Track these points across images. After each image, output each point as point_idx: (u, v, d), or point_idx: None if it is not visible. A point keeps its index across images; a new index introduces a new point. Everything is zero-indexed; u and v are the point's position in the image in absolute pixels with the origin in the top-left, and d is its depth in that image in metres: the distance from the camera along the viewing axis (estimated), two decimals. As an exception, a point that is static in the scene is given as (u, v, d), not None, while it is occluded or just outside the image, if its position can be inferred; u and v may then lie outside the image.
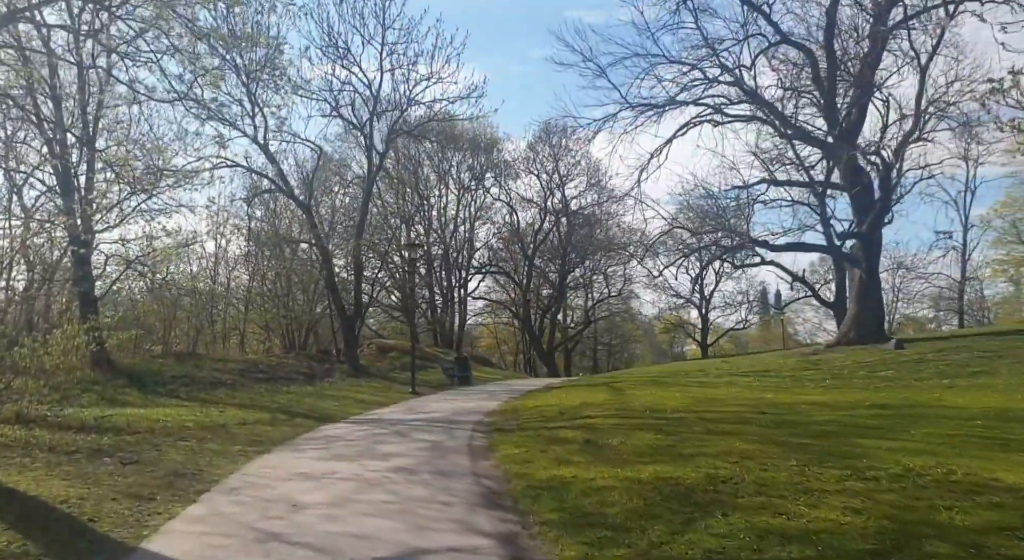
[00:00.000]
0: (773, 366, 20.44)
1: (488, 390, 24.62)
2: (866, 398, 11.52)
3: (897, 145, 22.66)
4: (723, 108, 28.90)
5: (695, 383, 17.02)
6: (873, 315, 26.21)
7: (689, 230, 30.26)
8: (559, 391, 19.15)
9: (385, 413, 16.77)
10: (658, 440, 9.14)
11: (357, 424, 14.44)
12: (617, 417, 11.57)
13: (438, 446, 10.98)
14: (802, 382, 15.61)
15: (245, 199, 31.00)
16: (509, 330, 59.86)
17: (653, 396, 14.15)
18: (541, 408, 14.74)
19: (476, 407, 17.30)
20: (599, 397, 15.14)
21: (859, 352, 20.76)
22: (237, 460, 10.26)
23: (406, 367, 31.41)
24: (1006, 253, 38.56)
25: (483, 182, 48.93)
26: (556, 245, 51.37)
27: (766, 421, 9.91)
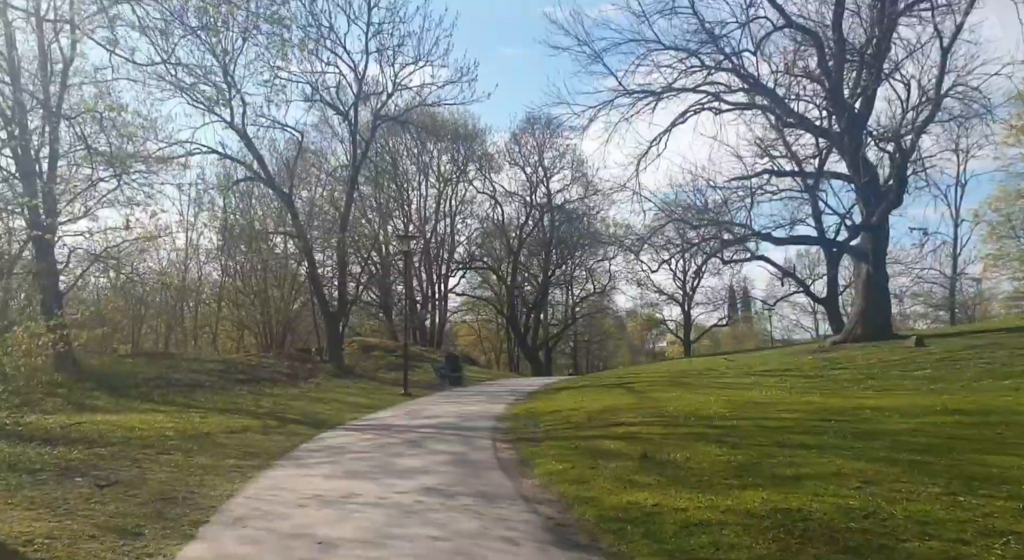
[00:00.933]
0: (790, 365, 19.41)
1: (485, 391, 23.27)
2: (932, 403, 10.43)
3: (915, 131, 21.69)
4: (722, 95, 27.83)
5: (717, 384, 15.89)
6: (880, 311, 25.37)
7: (689, 223, 29.16)
8: (570, 393, 17.89)
9: (384, 418, 15.35)
10: (730, 455, 7.89)
11: (358, 431, 13.02)
12: (660, 425, 10.32)
13: (463, 459, 9.62)
14: (838, 383, 14.54)
15: (219, 189, 29.24)
16: (492, 327, 58.52)
17: (683, 399, 12.96)
18: (561, 413, 13.45)
19: (482, 411, 15.97)
20: (623, 400, 13.91)
21: (878, 350, 19.80)
22: (234, 478, 8.81)
23: (392, 366, 29.98)
24: (998, 248, 38.17)
25: (466, 174, 47.49)
26: (541, 240, 50.14)
27: (840, 430, 8.73)
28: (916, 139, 22.14)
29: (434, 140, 47.15)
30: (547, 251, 49.87)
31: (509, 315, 48.84)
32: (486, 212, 50.64)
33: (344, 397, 20.16)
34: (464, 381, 27.11)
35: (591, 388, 18.39)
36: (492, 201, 49.45)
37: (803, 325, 71.13)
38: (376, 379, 26.34)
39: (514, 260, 48.50)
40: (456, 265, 49.25)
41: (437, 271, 48.59)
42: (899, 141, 22.04)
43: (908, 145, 22.32)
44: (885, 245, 25.07)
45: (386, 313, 45.36)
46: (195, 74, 20.50)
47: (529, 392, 21.02)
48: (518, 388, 23.34)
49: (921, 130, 21.71)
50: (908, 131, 21.79)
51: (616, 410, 12.63)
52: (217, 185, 28.72)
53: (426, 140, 46.97)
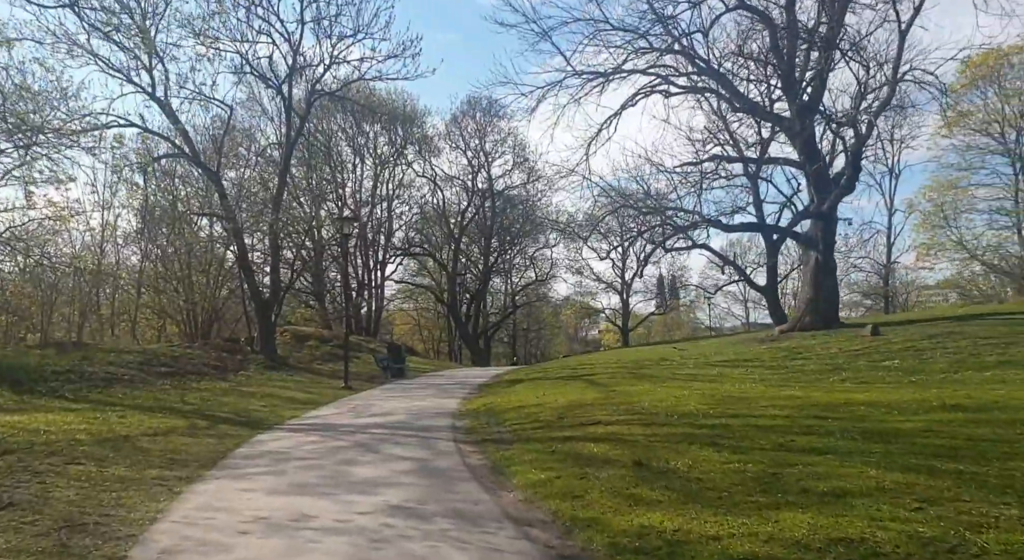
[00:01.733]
0: (747, 354, 18.90)
1: (431, 383, 22.06)
2: (923, 397, 9.84)
3: (874, 115, 21.40)
4: (672, 79, 27.22)
5: (681, 376, 15.16)
6: (828, 299, 25.30)
7: (639, 210, 28.50)
8: (526, 386, 16.87)
9: (327, 416, 14.01)
10: (737, 463, 7.00)
11: (300, 432, 11.69)
12: (640, 424, 9.40)
13: (428, 468, 8.48)
14: (806, 374, 13.97)
15: (139, 165, 26.94)
16: (430, 316, 57.06)
17: (654, 394, 12.12)
18: (524, 409, 12.42)
19: (435, 407, 14.80)
20: (588, 395, 12.98)
21: (833, 339, 19.52)
22: (158, 495, 7.47)
23: (329, 357, 28.45)
24: (930, 237, 39.02)
25: (404, 156, 45.78)
26: (483, 227, 48.92)
27: (844, 431, 7.97)
28: (873, 124, 21.90)
29: (371, 121, 45.34)
30: (488, 238, 48.68)
31: (450, 303, 47.51)
32: (425, 197, 49.17)
33: (279, 391, 18.65)
34: (407, 372, 25.82)
35: (547, 380, 17.43)
36: (432, 185, 47.99)
37: (734, 313, 72.42)
38: (312, 371, 24.80)
39: (455, 247, 47.15)
40: (394, 251, 47.57)
41: (374, 257, 46.86)
42: (856, 126, 21.74)
43: (865, 130, 22.07)
44: (834, 233, 24.95)
45: (319, 301, 43.46)
46: (111, 24, 18.52)
47: (480, 384, 19.94)
48: (467, 380, 22.22)
49: (878, 114, 21.48)
50: (864, 115, 21.47)
51: (585, 406, 11.67)
52: (137, 161, 26.40)
53: (362, 120, 45.13)
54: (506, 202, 49.18)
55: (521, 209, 49.51)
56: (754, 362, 17.15)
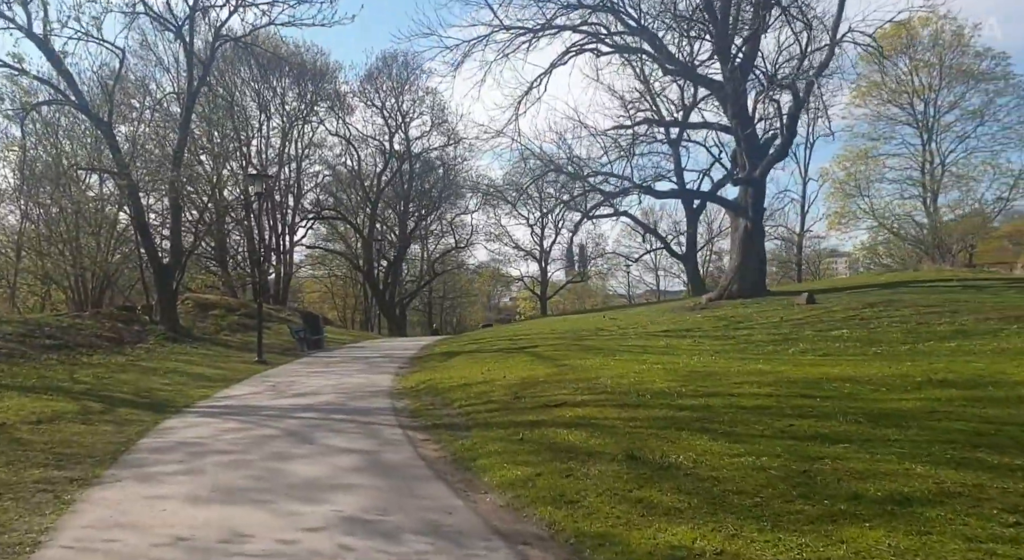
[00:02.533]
0: (687, 324, 18.30)
1: (355, 356, 20.55)
2: (903, 372, 9.27)
3: (815, 76, 20.93)
4: (603, 37, 26.20)
5: (630, 347, 14.30)
6: (757, 268, 25.18)
7: (568, 175, 27.53)
8: (464, 359, 15.65)
9: (244, 396, 12.45)
10: (746, 455, 6.11)
11: (216, 417, 10.16)
12: (612, 406, 8.43)
13: (377, 462, 7.23)
14: (757, 345, 13.34)
15: (15, 113, 23.85)
16: (343, 284, 54.72)
17: (611, 368, 11.20)
18: (472, 387, 11.26)
19: (366, 384, 13.45)
20: (539, 370, 11.92)
21: (768, 307, 19.21)
22: (43, 507, 5.99)
23: (237, 327, 26.39)
24: (842, 206, 39.96)
25: (315, 112, 43.11)
26: (400, 191, 46.89)
27: (843, 412, 7.22)
28: (811, 87, 21.53)
29: (279, 74, 42.45)
30: (406, 202, 46.73)
31: (367, 270, 45.48)
32: (338, 157, 46.62)
33: (185, 366, 16.79)
34: (324, 344, 24.17)
35: (485, 353, 16.28)
36: (345, 145, 45.48)
37: (645, 282, 73.28)
38: (220, 343, 22.80)
39: (371, 211, 45.02)
40: (304, 214, 44.95)
41: (282, 221, 44.21)
42: (795, 89, 21.31)
43: (803, 93, 21.68)
44: (763, 199, 24.75)
45: (223, 267, 40.68)
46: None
47: (410, 357, 18.62)
48: (393, 352, 20.83)
49: (817, 76, 21.08)
50: (803, 78, 21.02)
51: (540, 383, 10.63)
52: (12, 108, 23.29)
53: (269, 74, 42.17)
54: (425, 165, 47.31)
55: (440, 173, 47.77)
56: (696, 332, 16.56)
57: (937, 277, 23.62)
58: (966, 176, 37.76)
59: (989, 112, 37.04)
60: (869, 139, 39.36)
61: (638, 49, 27.02)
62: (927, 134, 38.15)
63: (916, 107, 38.41)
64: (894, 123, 38.98)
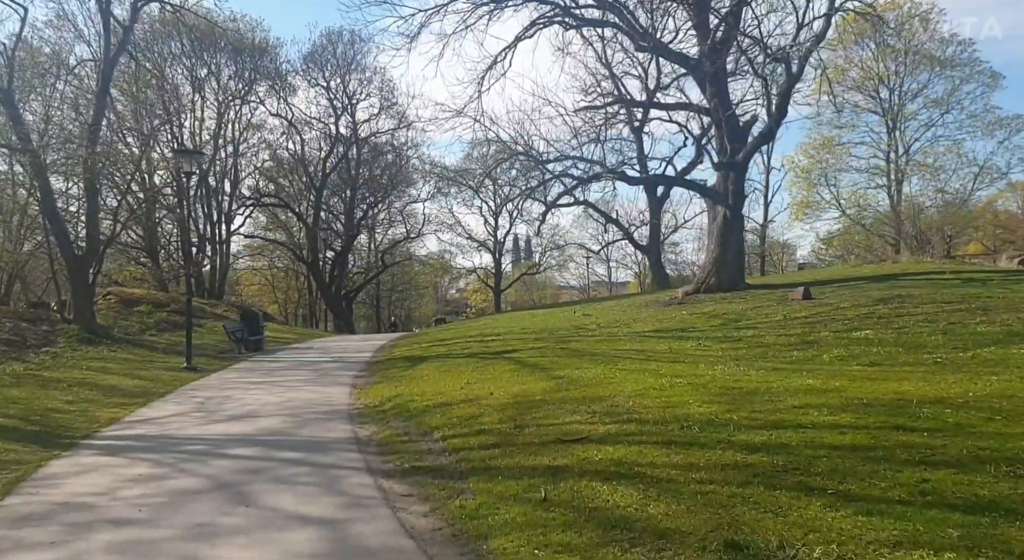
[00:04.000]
0: (676, 322, 16.41)
1: (300, 360, 18.04)
2: (1004, 390, 7.46)
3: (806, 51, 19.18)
4: (570, 8, 24.12)
5: (630, 352, 12.19)
6: (736, 259, 23.58)
7: (534, 159, 25.41)
8: (434, 367, 13.29)
9: (164, 419, 9.97)
10: (897, 536, 4.13)
11: (121, 455, 7.74)
12: (653, 444, 6.35)
13: (345, 543, 5.00)
14: (773, 349, 11.37)
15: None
16: (284, 276, 51.38)
17: (621, 383, 9.16)
18: (453, 408, 9.04)
19: (318, 400, 11.09)
20: (533, 385, 9.76)
21: (761, 303, 17.50)
22: None
23: (164, 326, 23.55)
24: (804, 195, 38.87)
25: (254, 92, 39.90)
26: (347, 177, 43.89)
27: (986, 457, 5.33)
28: (805, 62, 19.83)
29: (212, 50, 39.14)
30: (353, 190, 43.78)
31: (311, 261, 42.43)
32: (279, 140, 43.36)
33: (97, 377, 14.12)
34: (265, 345, 21.55)
35: (458, 358, 13.99)
36: (287, 126, 42.28)
37: (597, 273, 71.74)
38: (143, 344, 20.00)
39: (316, 198, 41.97)
40: (242, 201, 41.62)
41: (218, 208, 40.89)
42: (789, 62, 19.56)
43: (796, 68, 19.96)
44: (743, 187, 23.09)
45: (152, 258, 37.29)
46: None
47: (368, 361, 16.23)
48: (345, 355, 18.38)
49: (813, 49, 19.37)
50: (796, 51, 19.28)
51: (540, 404, 8.51)
52: None
53: (202, 50, 38.85)
54: (373, 150, 44.44)
55: (390, 158, 44.99)
56: (693, 332, 14.67)
57: (926, 269, 22.33)
58: (930, 166, 37.08)
59: (954, 100, 36.36)
60: (835, 126, 38.34)
61: (607, 22, 25.04)
62: (892, 122, 37.30)
63: (881, 94, 37.53)
64: (860, 111, 38.03)
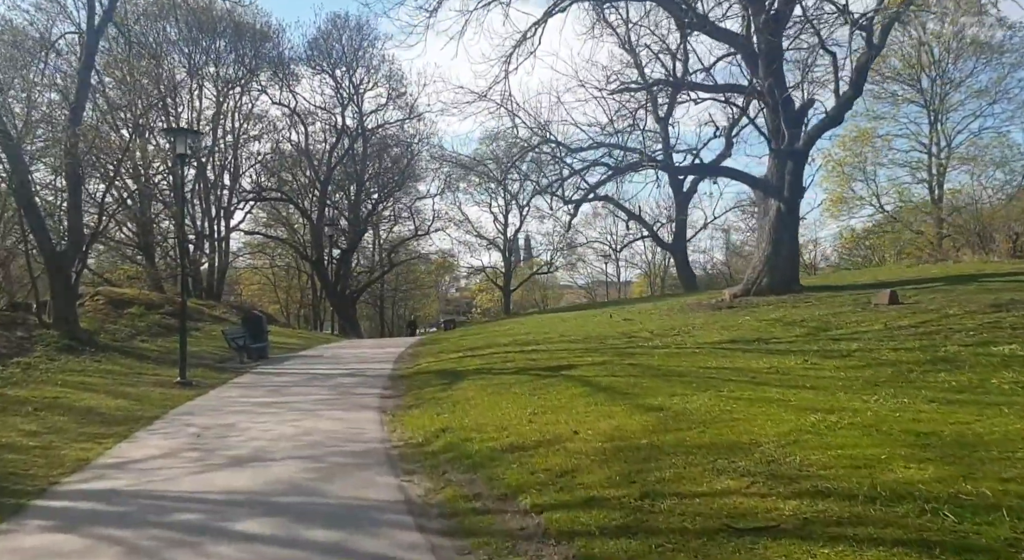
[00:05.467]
0: (746, 330, 14.16)
1: (313, 372, 15.71)
2: None
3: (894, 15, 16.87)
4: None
5: (724, 371, 9.66)
6: (790, 258, 21.35)
7: (565, 146, 23.13)
8: (477, 386, 10.95)
9: (146, 461, 7.69)
10: None
11: (84, 532, 5.45)
12: (898, 545, 4.13)
13: None
14: (923, 373, 9.22)
15: None
16: (283, 275, 48.95)
17: (744, 416, 6.89)
18: (524, 450, 6.72)
19: (342, 432, 8.81)
20: (620, 416, 7.39)
21: (836, 307, 15.28)
22: None
23: (157, 330, 21.27)
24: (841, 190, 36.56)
25: (257, 79, 37.54)
26: (353, 170, 41.50)
27: None
28: (888, 30, 17.51)
29: (212, 35, 36.82)
30: (359, 184, 41.42)
31: (316, 259, 40.04)
32: (282, 132, 40.96)
33: (73, 395, 11.83)
34: (269, 352, 19.27)
35: (504, 375, 11.63)
36: (290, 116, 39.87)
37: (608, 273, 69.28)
38: (133, 352, 17.71)
39: (321, 193, 39.60)
40: (243, 195, 39.24)
41: (216, 203, 38.56)
42: (870, 32, 17.20)
43: (878, 38, 17.63)
44: (802, 177, 20.81)
45: (147, 256, 34.96)
46: None
47: (390, 374, 13.97)
48: (361, 366, 16.08)
49: (898, 17, 17.07)
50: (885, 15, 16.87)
51: (655, 454, 6.23)
52: None
53: (201, 35, 36.54)
54: (381, 143, 42.09)
55: (399, 151, 42.62)
56: (777, 343, 12.40)
57: (1005, 270, 20.03)
58: (974, 159, 34.82)
59: (1000, 89, 34.09)
60: (871, 117, 36.06)
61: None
62: (934, 113, 35.04)
63: (922, 83, 35.23)
64: (899, 101, 35.75)
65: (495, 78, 21.19)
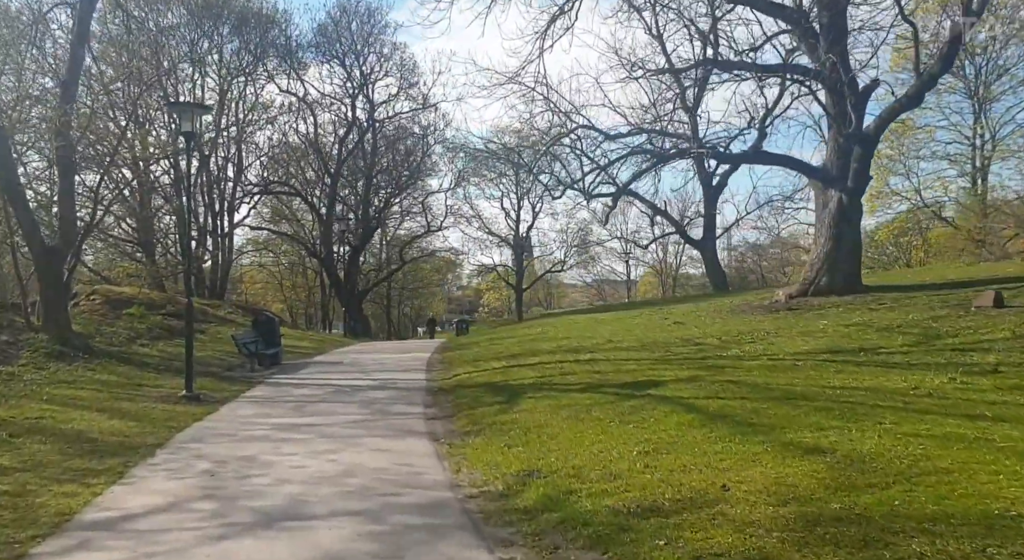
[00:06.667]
0: (843, 339, 12.32)
1: (336, 383, 13.79)
2: None
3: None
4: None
5: (866, 396, 7.82)
6: (852, 255, 19.55)
7: (602, 132, 21.26)
8: (544, 406, 8.95)
9: (148, 520, 5.81)
10: None
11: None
12: None
13: None
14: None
15: None
16: (292, 273, 46.96)
17: (959, 475, 5.12)
18: (682, 529, 4.82)
19: (392, 470, 6.93)
20: (791, 468, 5.52)
21: (942, 311, 13.47)
22: None
23: (160, 333, 19.45)
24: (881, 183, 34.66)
25: (264, 65, 35.63)
26: (363, 164, 39.55)
27: None
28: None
29: (215, 21, 34.93)
30: (369, 178, 39.47)
31: (325, 256, 38.12)
32: (289, 123, 38.99)
33: (60, 414, 9.96)
34: (283, 358, 17.42)
35: (571, 392, 9.64)
36: (298, 104, 37.91)
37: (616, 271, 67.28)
38: (132, 359, 15.85)
39: (332, 186, 37.67)
40: (248, 188, 37.29)
41: (220, 197, 36.69)
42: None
43: (978, 4, 15.80)
44: (869, 166, 18.95)
45: (147, 252, 33.09)
46: None
47: (426, 386, 12.12)
48: (390, 376, 14.19)
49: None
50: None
51: (876, 536, 4.37)
52: None
53: (202, 22, 34.66)
54: (393, 134, 40.17)
55: (411, 143, 40.68)
56: (891, 355, 10.51)
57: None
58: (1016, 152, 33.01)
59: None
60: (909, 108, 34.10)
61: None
62: (979, 103, 33.16)
63: (966, 70, 33.36)
64: (940, 90, 33.79)
65: (526, 58, 19.18)
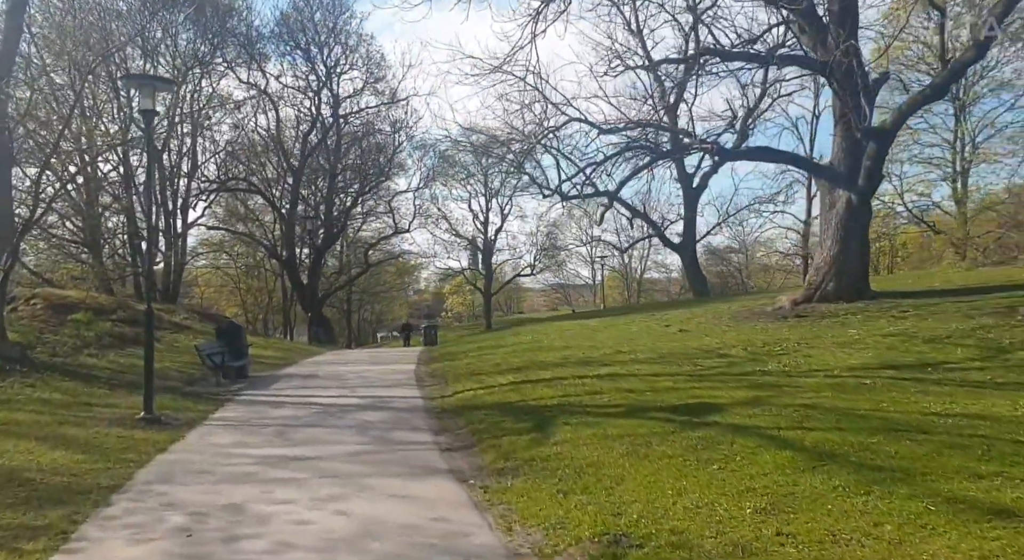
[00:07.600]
0: (895, 352, 11.14)
1: (318, 401, 12.08)
2: None
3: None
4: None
5: (961, 426, 6.70)
6: (860, 258, 18.59)
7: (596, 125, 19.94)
8: (594, 442, 7.28)
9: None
10: None
11: None
12: None
13: None
14: None
15: None
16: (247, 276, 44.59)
17: None
18: None
19: (431, 533, 5.38)
20: (955, 541, 4.31)
21: (981, 320, 12.44)
22: None
23: (109, 342, 17.47)
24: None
25: (222, 54, 33.51)
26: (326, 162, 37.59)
27: None
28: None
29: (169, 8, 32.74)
30: (332, 177, 37.52)
31: (287, 258, 36.02)
32: (248, 117, 36.85)
33: (-13, 449, 8.13)
34: (250, 369, 15.63)
35: (615, 418, 8.13)
36: (259, 97, 35.84)
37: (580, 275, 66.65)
38: (79, 373, 13.89)
39: (294, 184, 35.61)
40: (205, 185, 34.99)
41: (173, 195, 34.37)
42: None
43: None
44: (882, 164, 18.01)
45: (94, 254, 30.60)
46: None
47: (424, 406, 10.55)
48: (379, 393, 12.53)
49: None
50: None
51: None
52: None
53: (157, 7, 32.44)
54: (360, 130, 38.33)
55: (380, 139, 38.91)
56: (964, 371, 9.36)
57: None
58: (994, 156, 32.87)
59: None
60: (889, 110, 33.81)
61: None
62: (960, 106, 32.91)
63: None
64: (920, 93, 33.51)
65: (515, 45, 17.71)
